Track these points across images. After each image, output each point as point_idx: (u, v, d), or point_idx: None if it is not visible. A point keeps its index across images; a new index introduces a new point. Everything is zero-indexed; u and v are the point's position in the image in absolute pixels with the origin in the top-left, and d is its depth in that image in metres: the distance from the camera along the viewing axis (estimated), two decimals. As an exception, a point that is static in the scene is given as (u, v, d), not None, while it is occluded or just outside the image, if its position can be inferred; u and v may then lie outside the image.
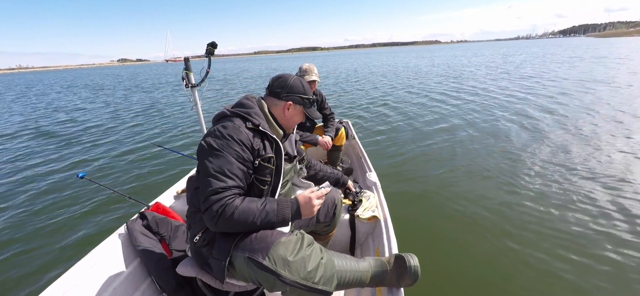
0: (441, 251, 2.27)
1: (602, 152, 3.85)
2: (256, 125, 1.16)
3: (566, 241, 2.25)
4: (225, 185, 1.06)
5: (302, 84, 1.29)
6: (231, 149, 1.08)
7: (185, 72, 2.06)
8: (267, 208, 1.10)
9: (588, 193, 2.89)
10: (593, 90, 8.16)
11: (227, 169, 1.07)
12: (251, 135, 1.13)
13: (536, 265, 2.05)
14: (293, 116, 1.29)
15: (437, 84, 11.69)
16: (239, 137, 1.10)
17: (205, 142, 1.11)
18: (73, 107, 10.17)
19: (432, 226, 2.59)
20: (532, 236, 2.34)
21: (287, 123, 1.30)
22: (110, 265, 1.52)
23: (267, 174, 1.17)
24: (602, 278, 1.92)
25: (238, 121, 1.15)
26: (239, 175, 1.09)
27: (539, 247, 2.21)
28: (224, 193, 1.05)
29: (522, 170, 3.49)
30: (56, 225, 2.87)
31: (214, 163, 1.07)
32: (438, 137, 4.98)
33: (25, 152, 5.26)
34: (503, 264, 2.09)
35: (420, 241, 2.41)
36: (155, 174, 3.99)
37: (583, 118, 5.45)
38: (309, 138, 2.67)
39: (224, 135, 1.09)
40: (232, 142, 1.09)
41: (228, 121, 1.14)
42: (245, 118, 1.16)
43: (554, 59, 20.40)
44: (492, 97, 8.35)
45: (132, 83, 19.43)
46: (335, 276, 1.10)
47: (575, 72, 12.46)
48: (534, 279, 1.94)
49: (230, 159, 1.08)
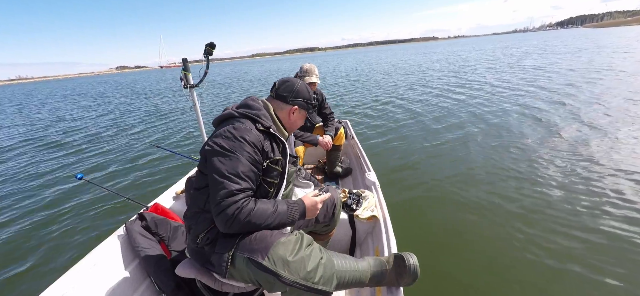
0: (440, 249, 2.27)
1: (621, 145, 3.81)
2: (267, 127, 1.17)
3: (571, 240, 2.23)
4: (240, 187, 1.05)
5: (307, 90, 1.32)
6: (244, 151, 1.08)
7: (183, 73, 2.06)
8: (279, 210, 1.12)
9: (595, 188, 2.86)
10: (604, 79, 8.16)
11: (242, 171, 1.06)
12: (262, 137, 1.14)
13: (537, 264, 2.05)
14: (296, 119, 1.32)
15: (437, 79, 11.71)
16: (251, 138, 1.10)
17: (214, 143, 1.10)
18: (72, 112, 10.17)
19: (431, 225, 2.60)
20: (534, 234, 2.34)
21: (290, 126, 1.32)
22: (109, 266, 1.52)
23: (274, 176, 1.18)
24: (612, 278, 1.91)
25: (248, 123, 1.14)
26: (251, 177, 1.09)
27: (541, 245, 2.21)
28: (239, 196, 1.05)
29: (523, 166, 3.49)
30: (55, 226, 2.86)
31: (226, 164, 1.06)
32: (439, 137, 4.98)
33: (24, 155, 5.25)
34: (503, 262, 2.09)
35: (419, 240, 2.41)
36: (154, 175, 3.99)
37: (594, 110, 5.45)
38: (309, 138, 2.67)
39: (236, 136, 1.09)
40: (244, 143, 1.08)
41: (238, 122, 1.14)
42: (256, 120, 1.16)
43: (561, 50, 20.32)
44: (491, 92, 8.35)
45: (131, 90, 19.44)
46: (335, 276, 1.10)
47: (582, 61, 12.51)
48: (535, 278, 1.94)
49: (243, 161, 1.07)
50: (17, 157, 5.05)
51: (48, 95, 21.14)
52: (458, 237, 2.38)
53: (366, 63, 30.06)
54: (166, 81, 26.85)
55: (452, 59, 22.25)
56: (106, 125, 7.23)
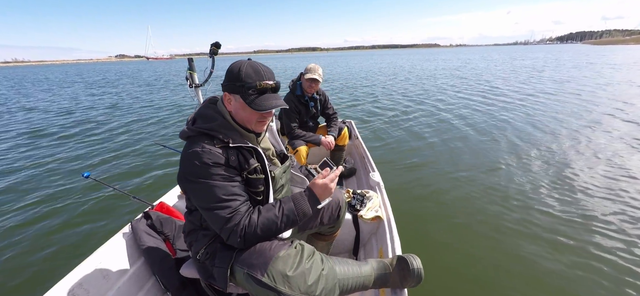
0: (446, 250, 2.26)
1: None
2: (226, 142, 1.03)
3: (582, 250, 2.19)
4: (232, 208, 1.01)
5: (240, 69, 1.02)
6: (214, 176, 0.99)
7: (189, 72, 2.07)
8: (285, 211, 1.07)
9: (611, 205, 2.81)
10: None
11: (223, 194, 1.00)
12: (226, 153, 1.02)
13: (541, 266, 2.03)
14: (238, 110, 1.07)
15: (442, 84, 11.63)
16: (213, 160, 0.99)
17: (183, 174, 1.04)
18: (77, 106, 10.27)
19: (436, 226, 2.58)
20: (537, 237, 2.32)
21: (241, 121, 1.09)
22: (114, 264, 1.53)
23: (259, 185, 1.11)
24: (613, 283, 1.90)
25: (205, 144, 1.01)
26: (236, 191, 1.03)
27: (546, 249, 2.19)
28: (236, 217, 1.01)
29: (533, 172, 3.46)
30: (62, 225, 2.90)
31: (207, 194, 1.00)
32: (441, 138, 4.95)
33: (31, 152, 5.31)
34: (509, 265, 2.07)
35: (424, 241, 2.40)
36: (160, 174, 4.02)
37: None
38: (311, 138, 2.67)
39: (199, 164, 0.99)
40: (211, 168, 0.99)
41: (195, 145, 1.01)
42: (212, 136, 1.03)
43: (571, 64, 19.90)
44: (496, 99, 8.29)
45: (134, 82, 19.58)
46: (337, 285, 1.09)
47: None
48: (539, 280, 1.92)
49: (218, 184, 1.00)
50: (20, 152, 5.12)
51: (44, 82, 20.61)
52: (464, 239, 2.36)
53: (375, 66, 29.85)
54: (169, 74, 26.78)
55: (469, 67, 20.99)
56: (111, 121, 7.29)
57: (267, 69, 1.07)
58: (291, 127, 2.63)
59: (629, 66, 16.19)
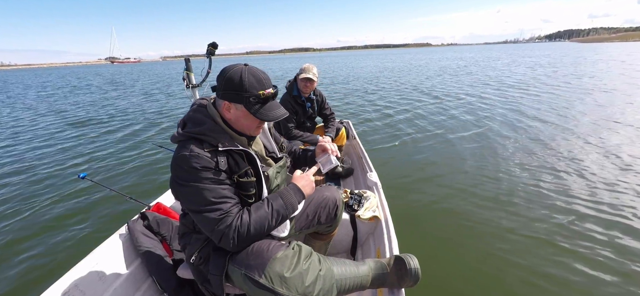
0: (443, 250, 2.27)
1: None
2: (215, 146, 1.02)
3: (580, 249, 2.19)
4: (222, 211, 1.00)
5: (242, 78, 1.00)
6: (204, 179, 0.99)
7: (186, 73, 2.07)
8: (275, 207, 1.07)
9: (609, 202, 2.82)
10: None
11: (213, 197, 0.99)
12: (215, 157, 1.01)
13: (539, 266, 2.04)
14: (239, 119, 1.07)
15: (440, 84, 11.68)
16: (203, 164, 0.98)
17: (174, 178, 1.04)
18: (71, 106, 10.19)
19: (433, 226, 2.59)
20: (536, 238, 2.34)
21: (241, 128, 1.10)
22: (111, 265, 1.52)
23: (250, 188, 1.10)
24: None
25: (195, 147, 1.00)
26: (226, 194, 1.02)
27: (542, 249, 2.21)
28: (227, 219, 1.00)
29: (532, 173, 3.48)
30: (57, 225, 2.87)
31: (197, 197, 0.99)
32: (440, 138, 4.98)
33: (26, 153, 5.26)
34: (506, 265, 2.08)
35: (421, 241, 2.41)
36: (156, 174, 4.00)
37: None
38: (309, 138, 2.67)
39: (187, 169, 0.98)
40: (199, 172, 0.98)
41: (184, 149, 1.01)
42: (202, 140, 1.02)
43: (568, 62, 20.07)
44: (493, 98, 8.34)
45: (128, 83, 19.47)
46: (335, 286, 1.09)
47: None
48: (537, 280, 1.94)
49: (208, 187, 0.99)
50: (16, 153, 5.08)
51: (35, 86, 20.67)
52: (461, 240, 2.37)
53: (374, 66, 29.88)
54: (167, 77, 26.69)
55: (469, 68, 20.99)
56: (107, 122, 7.25)
57: (265, 75, 1.07)
58: (288, 128, 2.63)
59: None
